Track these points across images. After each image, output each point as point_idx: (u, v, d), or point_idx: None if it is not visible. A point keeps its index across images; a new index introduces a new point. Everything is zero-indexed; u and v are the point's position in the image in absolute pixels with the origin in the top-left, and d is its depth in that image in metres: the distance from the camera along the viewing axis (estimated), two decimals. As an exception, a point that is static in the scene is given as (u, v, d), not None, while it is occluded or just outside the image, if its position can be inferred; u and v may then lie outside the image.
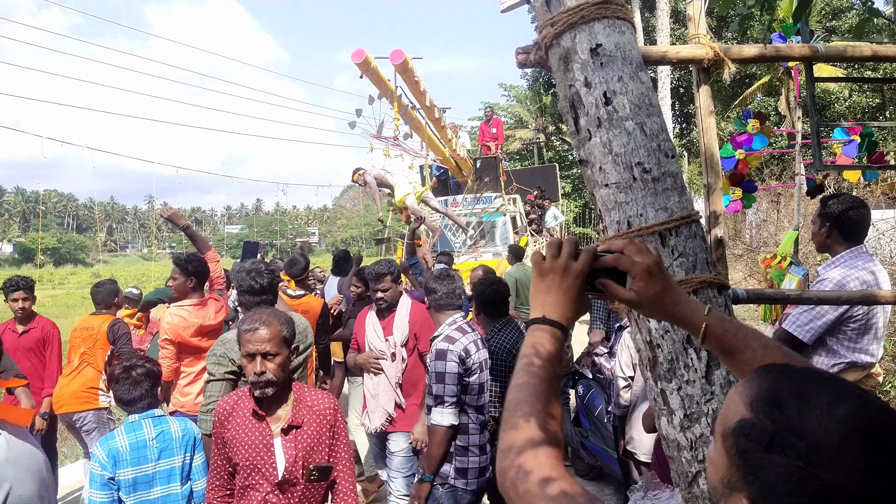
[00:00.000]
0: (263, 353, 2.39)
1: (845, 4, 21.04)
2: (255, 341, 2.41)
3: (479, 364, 3.16)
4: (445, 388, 3.03)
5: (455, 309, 3.35)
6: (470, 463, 3.12)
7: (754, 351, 1.05)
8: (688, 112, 26.46)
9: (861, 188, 11.02)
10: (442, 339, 3.18)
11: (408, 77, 7.52)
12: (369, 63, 6.95)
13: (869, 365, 2.80)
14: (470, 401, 3.14)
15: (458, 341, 3.12)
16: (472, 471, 3.11)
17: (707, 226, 2.23)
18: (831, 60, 2.54)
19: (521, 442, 0.94)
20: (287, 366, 2.47)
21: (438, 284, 3.36)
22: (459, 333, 3.19)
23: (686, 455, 1.53)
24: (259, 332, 2.42)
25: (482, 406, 3.22)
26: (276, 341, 2.42)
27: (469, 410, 3.14)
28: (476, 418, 3.17)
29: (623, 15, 1.65)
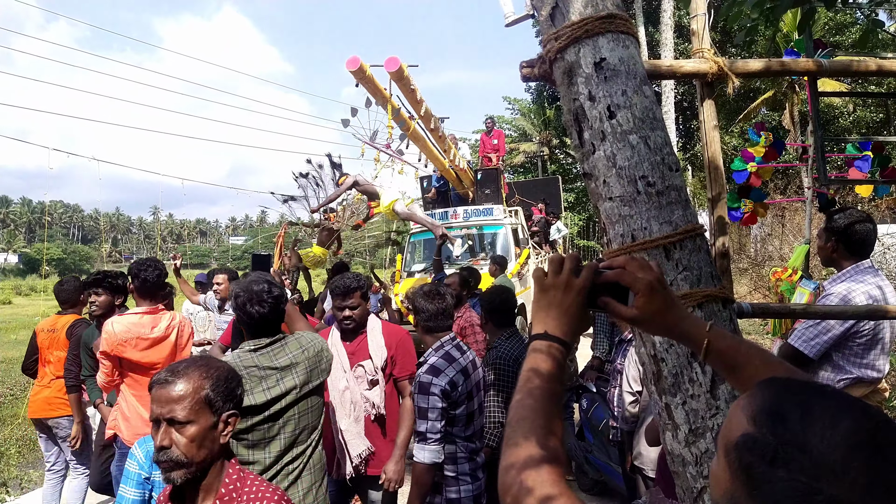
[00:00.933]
0: (169, 418, 1.69)
1: (849, 20, 21.12)
2: (161, 400, 1.71)
3: (466, 394, 2.90)
4: (428, 423, 2.77)
5: (444, 330, 3.05)
6: (462, 492, 2.93)
7: (756, 367, 1.05)
8: (691, 126, 26.52)
9: (867, 203, 11.00)
10: (426, 369, 2.86)
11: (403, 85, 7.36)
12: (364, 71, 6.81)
13: (876, 380, 2.78)
14: (458, 432, 2.91)
15: (443, 373, 2.82)
16: (466, 500, 2.92)
17: (712, 239, 2.22)
18: (836, 75, 2.54)
19: (522, 459, 0.93)
20: (209, 440, 1.73)
21: (427, 303, 3.03)
22: (445, 362, 2.88)
23: (691, 470, 1.52)
24: (169, 387, 1.72)
25: (472, 435, 2.98)
26: (192, 404, 1.71)
27: (458, 441, 2.91)
28: (465, 447, 2.94)
29: (627, 29, 1.66)
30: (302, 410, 2.52)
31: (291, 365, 2.50)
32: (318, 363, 2.62)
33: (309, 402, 2.56)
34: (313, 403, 2.59)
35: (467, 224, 11.03)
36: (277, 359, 2.48)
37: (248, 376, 2.35)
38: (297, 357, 2.53)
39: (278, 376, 2.45)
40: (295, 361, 2.51)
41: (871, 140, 3.19)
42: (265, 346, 2.50)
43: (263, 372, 2.41)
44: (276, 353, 2.50)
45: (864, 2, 3.98)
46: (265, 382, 2.41)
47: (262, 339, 2.52)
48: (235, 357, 2.46)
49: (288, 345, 2.55)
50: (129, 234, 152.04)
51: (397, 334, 3.45)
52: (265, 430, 2.40)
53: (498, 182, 11.78)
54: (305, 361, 2.54)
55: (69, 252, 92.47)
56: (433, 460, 2.77)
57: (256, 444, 2.41)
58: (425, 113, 8.27)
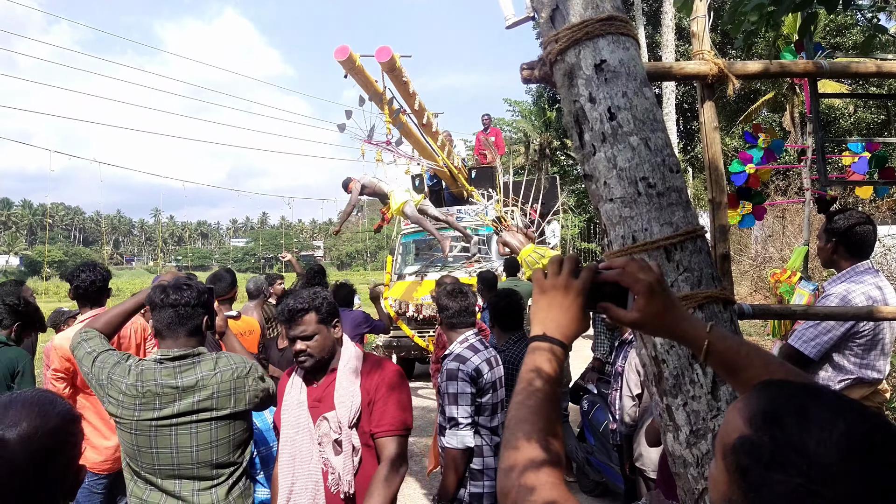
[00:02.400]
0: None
1: (849, 21, 21.12)
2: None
3: (492, 383, 3.03)
4: (459, 409, 2.88)
5: (467, 326, 3.22)
6: (486, 487, 2.97)
7: (757, 368, 1.05)
8: (692, 128, 26.51)
9: (868, 204, 11.00)
10: (453, 358, 3.03)
11: (395, 77, 7.02)
12: (354, 61, 6.52)
13: (876, 381, 2.78)
14: (483, 422, 3.01)
15: (469, 360, 2.97)
16: (488, 496, 2.96)
17: (712, 241, 2.22)
18: (836, 76, 2.55)
19: (522, 462, 0.93)
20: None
21: (450, 301, 3.22)
22: (471, 352, 3.04)
23: (692, 472, 1.52)
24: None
25: (496, 427, 3.05)
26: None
27: (483, 432, 3.01)
28: (491, 440, 3.02)
29: (627, 31, 1.66)
30: (201, 440, 2.19)
31: (196, 386, 2.20)
32: (235, 390, 2.26)
33: (214, 432, 2.22)
34: (219, 436, 2.23)
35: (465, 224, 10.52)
36: (183, 376, 2.21)
37: (139, 394, 2.16)
38: (205, 378, 2.22)
39: (175, 395, 2.18)
40: (203, 384, 2.21)
41: (870, 141, 3.19)
42: (173, 360, 2.23)
43: (161, 390, 2.16)
44: (184, 369, 2.22)
45: (866, 4, 3.99)
46: (158, 401, 2.16)
47: (172, 349, 2.26)
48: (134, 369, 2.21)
49: (201, 363, 2.26)
50: (130, 236, 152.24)
51: (381, 373, 2.45)
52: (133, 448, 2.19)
53: (494, 181, 11.40)
54: (216, 385, 2.22)
55: (70, 254, 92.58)
56: (467, 444, 2.85)
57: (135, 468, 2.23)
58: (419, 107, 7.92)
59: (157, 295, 2.28)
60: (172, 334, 2.27)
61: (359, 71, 6.65)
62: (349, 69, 6.55)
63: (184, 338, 2.28)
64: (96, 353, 2.27)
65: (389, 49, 6.51)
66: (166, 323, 2.26)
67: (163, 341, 2.29)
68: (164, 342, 2.28)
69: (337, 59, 6.40)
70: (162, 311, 2.26)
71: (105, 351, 2.29)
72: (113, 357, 2.26)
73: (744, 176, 3.24)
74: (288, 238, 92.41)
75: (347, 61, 6.41)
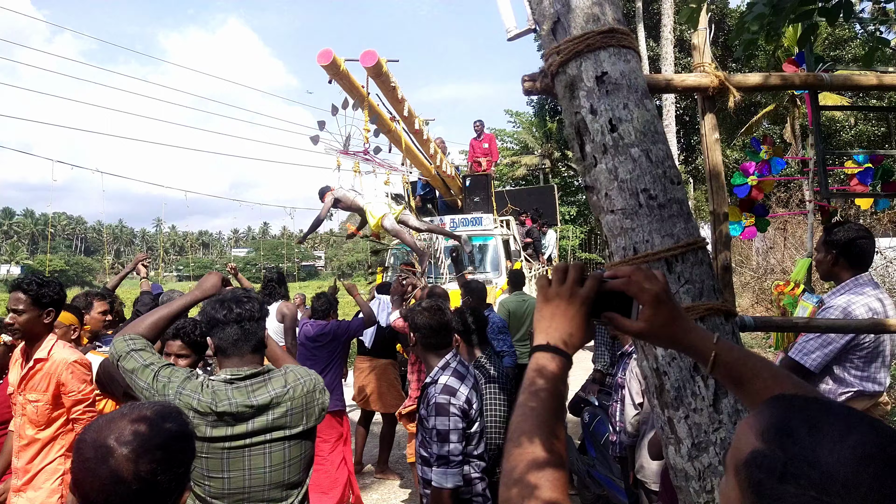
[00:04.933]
0: None
1: (849, 34, 21.22)
2: None
3: (479, 410, 2.85)
4: (450, 446, 2.65)
5: (446, 347, 2.91)
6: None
7: (764, 381, 1.04)
8: (693, 139, 26.58)
9: (868, 216, 11.00)
10: (442, 389, 2.73)
11: (382, 82, 6.64)
12: (338, 66, 6.20)
13: (877, 394, 2.77)
14: (471, 450, 2.82)
15: (458, 391, 2.73)
16: None
17: (714, 252, 2.22)
18: (836, 89, 2.55)
19: (525, 461, 0.93)
20: None
21: (427, 319, 2.87)
22: (457, 380, 2.77)
23: (694, 485, 1.51)
24: None
25: (482, 453, 2.90)
26: None
27: (471, 460, 2.82)
28: (478, 466, 2.86)
29: (628, 44, 1.67)
30: (274, 460, 2.09)
31: (271, 404, 2.09)
32: (306, 406, 2.19)
33: (287, 451, 2.12)
34: (292, 455, 2.13)
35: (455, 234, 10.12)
36: (256, 395, 2.08)
37: (214, 412, 2.01)
38: (279, 396, 2.12)
39: (250, 414, 2.06)
40: (277, 401, 2.11)
41: (873, 153, 3.19)
42: (244, 378, 2.11)
43: (237, 409, 2.04)
44: (257, 388, 2.10)
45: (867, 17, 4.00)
46: (232, 419, 2.04)
47: (241, 367, 2.13)
48: (207, 387, 2.06)
49: (272, 380, 2.15)
50: (131, 246, 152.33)
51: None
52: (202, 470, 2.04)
53: (488, 189, 10.86)
54: (289, 402, 2.12)
55: (72, 264, 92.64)
56: (457, 484, 2.66)
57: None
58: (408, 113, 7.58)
59: (219, 311, 2.12)
60: (238, 352, 2.13)
61: (344, 76, 6.38)
62: (333, 74, 6.28)
63: (250, 355, 2.15)
64: (156, 366, 2.07)
65: (375, 53, 6.24)
66: (232, 340, 2.11)
67: (227, 360, 2.13)
68: (230, 360, 2.12)
69: (320, 63, 6.15)
70: (227, 328, 2.11)
71: (166, 366, 2.10)
72: (179, 372, 2.09)
73: (746, 188, 3.25)
74: (289, 248, 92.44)
75: (331, 66, 6.15)
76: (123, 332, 2.22)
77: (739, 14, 2.00)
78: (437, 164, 9.22)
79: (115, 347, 2.14)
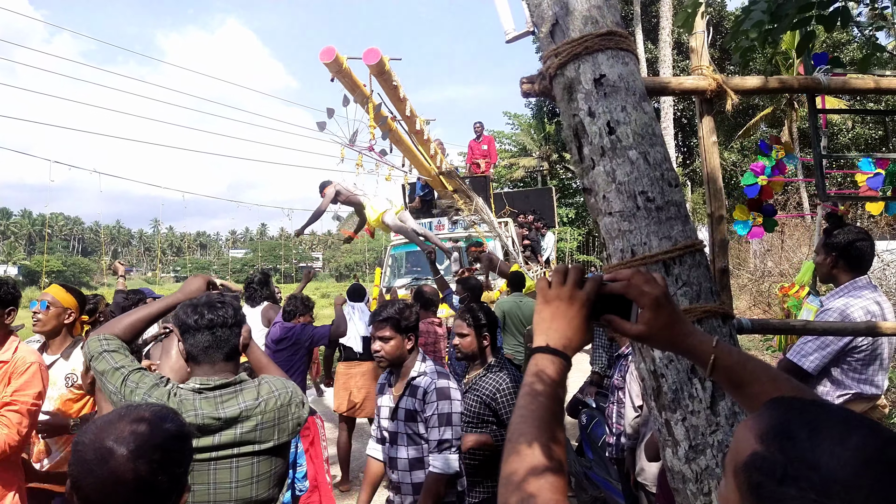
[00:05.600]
0: None
1: (846, 38, 21.29)
2: None
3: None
4: (452, 430, 2.69)
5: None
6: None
7: (763, 384, 1.04)
8: (691, 142, 26.63)
9: (866, 219, 11.01)
10: (438, 373, 2.85)
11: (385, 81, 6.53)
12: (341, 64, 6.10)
13: (874, 396, 2.77)
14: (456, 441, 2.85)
15: (449, 377, 2.86)
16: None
17: (711, 255, 2.23)
18: (834, 93, 2.56)
19: (524, 468, 0.93)
20: None
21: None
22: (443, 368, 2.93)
23: (691, 487, 1.51)
24: None
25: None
26: None
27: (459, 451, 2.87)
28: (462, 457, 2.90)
29: (626, 46, 1.67)
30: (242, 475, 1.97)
31: (240, 417, 1.97)
32: (279, 420, 2.05)
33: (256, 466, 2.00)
34: (261, 471, 2.00)
35: (453, 236, 10.15)
36: (225, 407, 1.95)
37: None
38: (249, 409, 1.98)
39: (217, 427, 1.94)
40: (246, 414, 1.98)
41: (879, 158, 3.17)
42: (214, 389, 1.98)
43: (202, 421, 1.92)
44: (226, 399, 1.97)
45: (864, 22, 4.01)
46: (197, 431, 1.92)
47: (211, 377, 2.01)
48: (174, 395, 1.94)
49: (244, 391, 2.02)
50: (129, 247, 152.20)
51: None
52: None
53: (487, 191, 10.81)
54: (260, 416, 1.99)
55: (69, 264, 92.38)
56: (454, 469, 2.70)
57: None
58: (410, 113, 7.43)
59: (190, 316, 2.03)
60: (209, 360, 2.03)
61: (346, 74, 6.28)
62: (335, 72, 6.18)
63: (221, 363, 2.05)
64: (126, 370, 1.98)
65: (378, 51, 6.12)
66: (202, 347, 2.02)
67: (198, 367, 2.04)
68: (200, 368, 2.03)
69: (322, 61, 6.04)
70: (197, 335, 2.02)
71: (136, 370, 2.00)
72: (148, 378, 1.97)
73: (756, 188, 3.24)
74: (287, 249, 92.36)
75: (334, 63, 6.04)
76: (99, 331, 2.13)
77: (735, 19, 2.00)
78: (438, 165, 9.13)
79: (88, 347, 2.06)
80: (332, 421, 6.91)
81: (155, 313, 2.21)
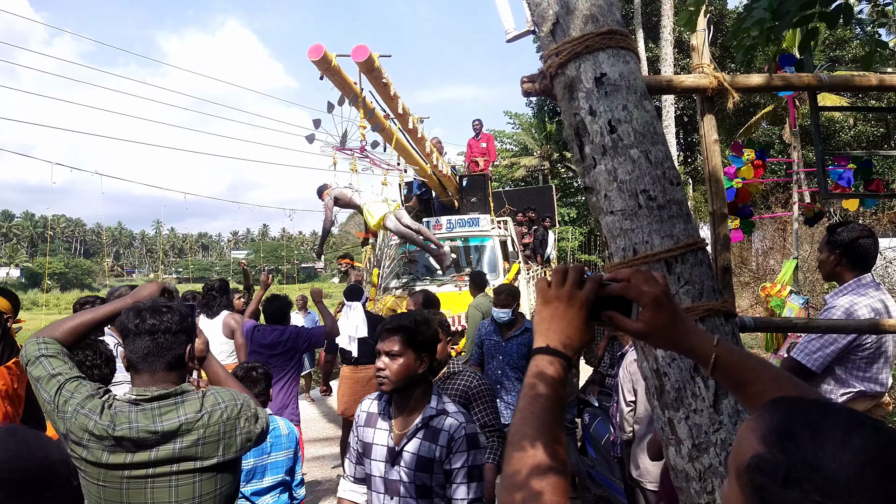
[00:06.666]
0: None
1: (848, 35, 21.25)
2: None
3: None
4: (482, 487, 2.26)
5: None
6: None
7: (765, 383, 1.03)
8: (692, 140, 26.59)
9: (868, 216, 11.00)
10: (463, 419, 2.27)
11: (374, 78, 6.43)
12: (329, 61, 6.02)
13: (879, 394, 2.77)
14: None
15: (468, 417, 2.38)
16: None
17: (713, 253, 2.22)
18: (836, 90, 2.55)
19: (527, 467, 0.93)
20: None
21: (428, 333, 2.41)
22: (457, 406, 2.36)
23: (695, 486, 1.51)
24: None
25: None
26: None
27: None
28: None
29: (627, 45, 1.67)
30: (182, 495, 1.83)
31: (179, 431, 1.82)
32: (224, 434, 1.89)
33: (199, 485, 1.86)
34: (204, 490, 1.86)
35: (451, 236, 9.94)
36: (163, 419, 1.81)
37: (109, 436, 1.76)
38: (190, 422, 1.84)
39: (153, 441, 1.80)
40: (186, 428, 1.83)
41: (873, 154, 3.17)
42: (151, 400, 1.84)
43: (137, 435, 1.78)
44: (165, 411, 1.83)
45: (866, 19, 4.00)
46: (132, 445, 1.78)
47: (150, 386, 1.87)
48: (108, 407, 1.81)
49: (185, 403, 1.87)
50: (131, 248, 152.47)
51: None
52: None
53: (485, 190, 10.64)
54: (202, 430, 1.84)
55: (71, 266, 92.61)
56: None
57: None
58: (402, 111, 7.36)
59: (131, 320, 1.88)
60: (149, 368, 1.89)
61: (335, 72, 6.22)
62: (324, 70, 6.13)
63: (163, 372, 1.90)
64: (63, 377, 1.85)
65: (367, 48, 6.05)
66: (142, 354, 1.87)
67: (137, 376, 1.90)
68: (140, 377, 1.89)
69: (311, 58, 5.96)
70: (137, 340, 1.87)
71: (73, 378, 1.86)
72: (84, 388, 1.85)
73: (732, 191, 3.23)
74: (289, 250, 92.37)
75: (322, 61, 5.98)
76: (39, 333, 1.98)
77: (736, 16, 2.00)
78: (434, 164, 8.99)
79: (25, 350, 1.92)
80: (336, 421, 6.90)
81: (100, 318, 2.07)
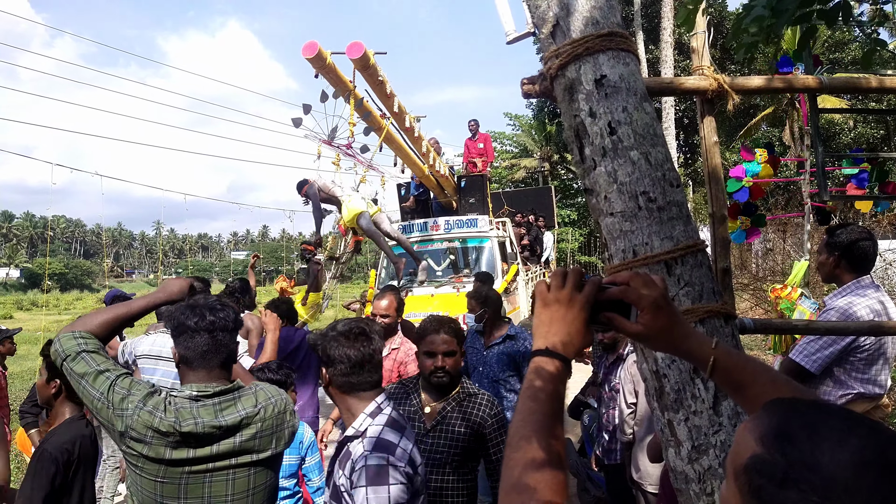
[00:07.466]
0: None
1: (848, 37, 21.27)
2: None
3: (423, 475, 1.99)
4: None
5: (372, 389, 2.00)
6: None
7: (763, 385, 1.04)
8: (692, 142, 26.60)
9: (868, 218, 11.00)
10: (372, 444, 1.86)
11: (370, 76, 6.37)
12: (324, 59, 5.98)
13: (878, 396, 2.76)
14: None
15: (398, 447, 1.88)
16: None
17: (713, 255, 2.22)
18: (836, 92, 2.55)
19: (523, 462, 0.93)
20: None
21: (342, 349, 1.97)
22: (395, 432, 1.91)
23: (694, 488, 1.51)
24: None
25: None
26: None
27: None
28: None
29: (627, 47, 1.67)
30: (237, 488, 1.84)
31: (241, 425, 1.87)
32: (277, 428, 1.95)
33: (252, 478, 1.88)
34: (256, 483, 1.89)
35: (449, 237, 9.78)
36: (224, 414, 1.85)
37: (176, 432, 1.75)
38: (249, 416, 1.89)
39: (217, 436, 1.82)
40: (247, 422, 1.88)
41: (861, 150, 3.18)
42: (212, 396, 1.86)
43: (203, 430, 1.79)
44: (225, 407, 1.87)
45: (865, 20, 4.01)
46: (195, 441, 1.79)
47: (209, 383, 1.89)
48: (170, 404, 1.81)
49: (242, 398, 1.92)
50: (130, 249, 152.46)
51: None
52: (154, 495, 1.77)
53: (484, 190, 10.50)
54: (259, 423, 1.90)
55: (71, 267, 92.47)
56: None
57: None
58: (398, 110, 7.23)
59: (189, 317, 1.89)
60: (206, 365, 1.89)
61: (330, 69, 6.17)
62: (319, 68, 6.08)
63: (218, 369, 1.92)
64: (113, 374, 1.80)
65: (362, 45, 6.00)
66: (200, 351, 1.88)
67: (192, 373, 1.90)
68: (195, 374, 1.90)
69: (305, 56, 5.92)
70: (196, 337, 1.88)
71: (123, 375, 1.83)
72: (139, 384, 1.82)
73: (745, 191, 3.22)
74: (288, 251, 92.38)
75: (317, 59, 5.95)
76: (72, 327, 1.92)
77: (736, 16, 2.00)
78: (431, 164, 8.89)
79: (61, 345, 1.84)
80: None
81: (134, 312, 2.05)
